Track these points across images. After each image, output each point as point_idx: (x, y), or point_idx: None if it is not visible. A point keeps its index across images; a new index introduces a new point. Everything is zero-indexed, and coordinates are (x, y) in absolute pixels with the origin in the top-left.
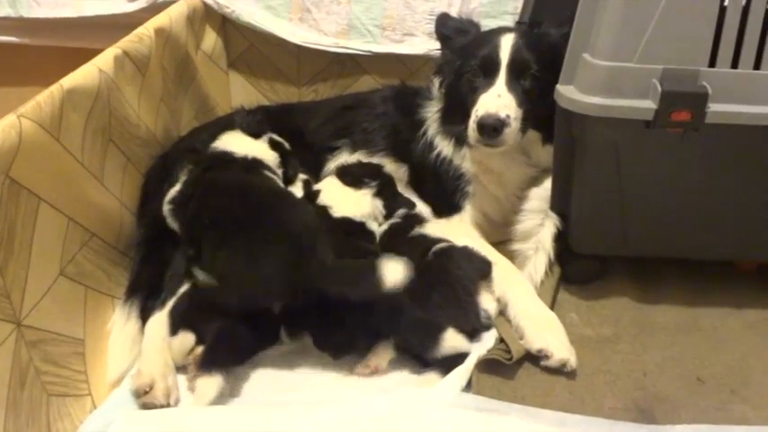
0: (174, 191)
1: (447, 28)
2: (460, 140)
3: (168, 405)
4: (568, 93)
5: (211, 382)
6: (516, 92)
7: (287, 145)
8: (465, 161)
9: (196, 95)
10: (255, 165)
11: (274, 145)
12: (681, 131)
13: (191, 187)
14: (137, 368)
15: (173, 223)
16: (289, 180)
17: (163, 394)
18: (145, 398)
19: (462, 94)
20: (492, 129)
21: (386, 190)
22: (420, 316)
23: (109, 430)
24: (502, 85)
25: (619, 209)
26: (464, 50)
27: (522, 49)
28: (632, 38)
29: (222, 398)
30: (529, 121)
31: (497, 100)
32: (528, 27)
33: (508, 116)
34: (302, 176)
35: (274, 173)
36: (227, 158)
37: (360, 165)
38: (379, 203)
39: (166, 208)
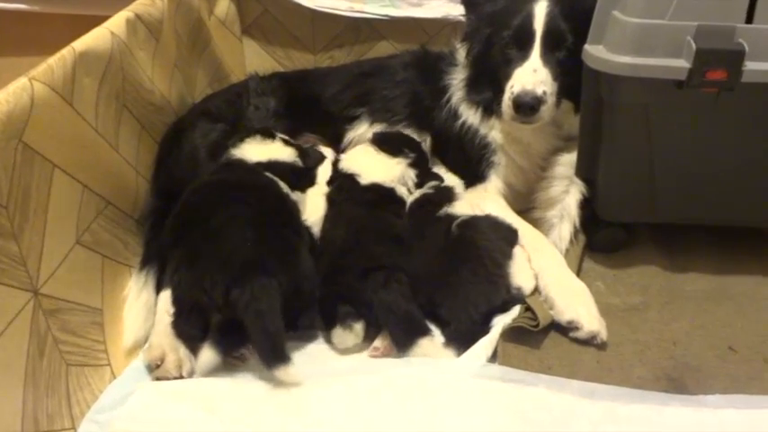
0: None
1: None
2: (488, 110)
3: (181, 377)
4: (597, 52)
5: (210, 356)
6: (552, 65)
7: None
8: (492, 131)
9: (210, 62)
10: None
11: (286, 142)
12: (715, 91)
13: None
14: (149, 342)
15: None
16: (312, 167)
17: (174, 366)
18: (157, 371)
19: (493, 65)
20: (529, 107)
21: (421, 163)
22: (408, 309)
23: (128, 401)
24: (537, 59)
25: (648, 174)
26: (494, 19)
27: (557, 18)
28: None
29: (247, 369)
30: (563, 92)
31: (533, 75)
32: None
33: (545, 92)
34: (330, 155)
35: (294, 168)
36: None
37: (399, 134)
38: (411, 173)
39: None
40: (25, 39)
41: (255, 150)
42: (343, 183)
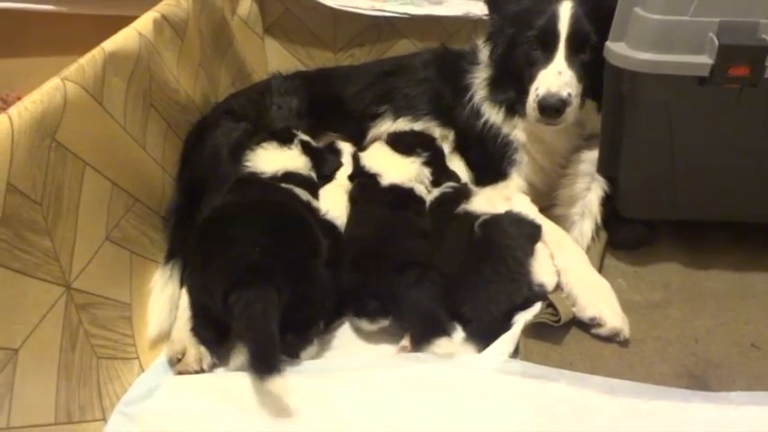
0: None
1: None
2: (511, 109)
3: (202, 370)
4: (619, 49)
5: (243, 361)
6: (576, 66)
7: (314, 143)
8: (515, 130)
9: (233, 61)
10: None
11: (305, 147)
12: (738, 88)
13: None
14: (171, 336)
15: None
16: (325, 176)
17: (195, 360)
18: (178, 365)
19: (517, 65)
20: (555, 110)
21: (436, 161)
22: (432, 309)
23: (156, 394)
24: (562, 61)
25: (670, 171)
26: (518, 19)
27: (581, 19)
28: None
29: None
30: (587, 92)
31: (558, 78)
32: None
33: (570, 94)
34: (349, 149)
35: (308, 180)
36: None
37: (413, 133)
38: (426, 171)
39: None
40: (51, 39)
41: (269, 160)
42: (365, 182)
